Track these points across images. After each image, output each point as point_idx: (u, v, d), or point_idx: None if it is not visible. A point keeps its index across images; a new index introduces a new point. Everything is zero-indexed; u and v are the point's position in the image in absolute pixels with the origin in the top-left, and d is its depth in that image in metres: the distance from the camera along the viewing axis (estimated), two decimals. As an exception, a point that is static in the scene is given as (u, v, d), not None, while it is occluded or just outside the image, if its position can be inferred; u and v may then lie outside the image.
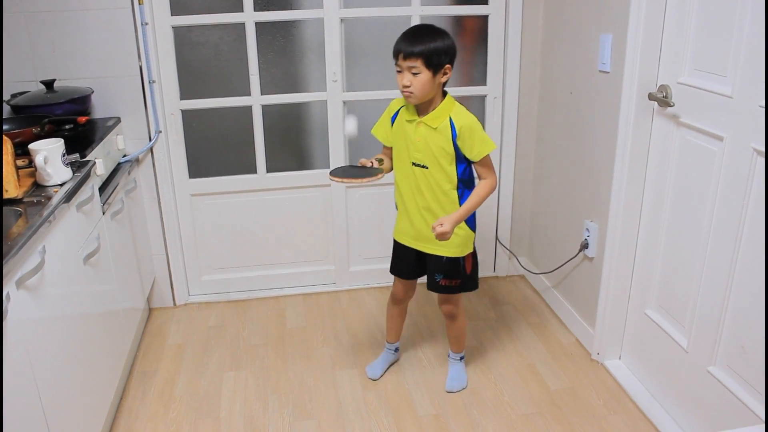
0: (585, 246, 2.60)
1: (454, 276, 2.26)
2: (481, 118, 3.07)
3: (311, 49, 2.88)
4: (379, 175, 2.12)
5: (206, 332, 2.86)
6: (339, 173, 2.13)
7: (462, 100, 2.97)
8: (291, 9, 2.79)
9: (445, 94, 2.10)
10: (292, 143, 3.06)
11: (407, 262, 2.35)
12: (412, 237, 2.28)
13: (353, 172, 2.14)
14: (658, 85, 2.17)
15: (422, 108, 2.09)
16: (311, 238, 3.14)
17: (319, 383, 2.50)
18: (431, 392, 2.44)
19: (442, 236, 2.05)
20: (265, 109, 2.92)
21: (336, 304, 3.09)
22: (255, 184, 3.01)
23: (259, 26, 2.79)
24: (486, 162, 2.10)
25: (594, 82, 2.46)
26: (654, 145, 2.24)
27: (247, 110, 2.90)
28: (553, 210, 2.94)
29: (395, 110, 2.18)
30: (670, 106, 2.07)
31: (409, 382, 2.49)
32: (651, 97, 2.16)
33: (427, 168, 2.12)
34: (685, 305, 2.13)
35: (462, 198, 2.14)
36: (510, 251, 3.29)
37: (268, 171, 3.01)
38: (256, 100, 2.89)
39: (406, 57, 1.98)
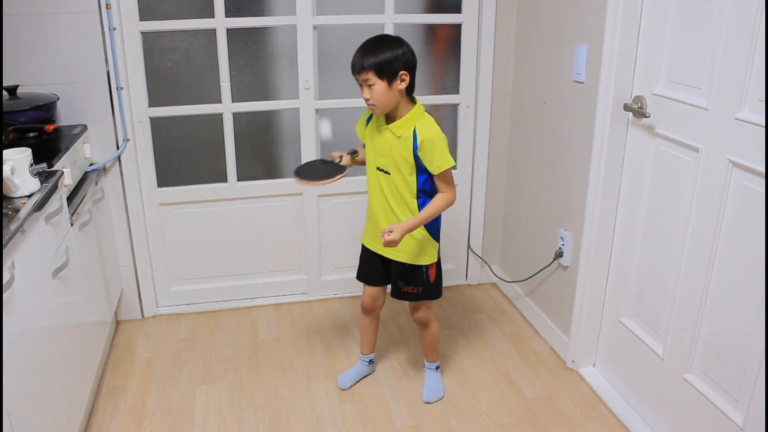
0: (559, 255, 2.62)
1: (417, 283, 2.26)
2: (454, 127, 3.07)
3: (283, 56, 2.85)
4: (339, 177, 2.18)
5: (176, 345, 2.80)
6: (303, 171, 2.22)
7: (434, 109, 3.01)
8: (263, 15, 2.75)
9: (414, 101, 2.11)
10: (264, 151, 3.02)
11: (373, 268, 2.35)
12: (375, 240, 2.28)
13: (318, 169, 2.21)
14: (632, 96, 2.19)
15: (390, 115, 2.11)
16: (282, 248, 3.10)
17: (295, 395, 2.46)
18: (408, 403, 2.42)
19: (390, 244, 2.07)
20: (236, 116, 2.87)
21: (308, 314, 3.05)
22: (225, 192, 2.96)
23: (231, 32, 2.74)
24: (445, 176, 2.10)
25: (568, 92, 2.48)
26: (628, 155, 2.27)
27: (218, 118, 2.85)
28: (526, 219, 2.95)
29: (370, 113, 2.20)
30: (646, 117, 2.10)
31: (386, 393, 2.47)
32: (626, 107, 2.18)
33: (389, 174, 2.14)
34: (661, 313, 2.15)
35: (422, 207, 2.15)
36: (482, 259, 3.30)
37: (238, 179, 2.96)
38: (227, 107, 2.83)
39: (359, 71, 2.02)
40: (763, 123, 1.68)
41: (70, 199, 2.24)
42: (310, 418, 2.34)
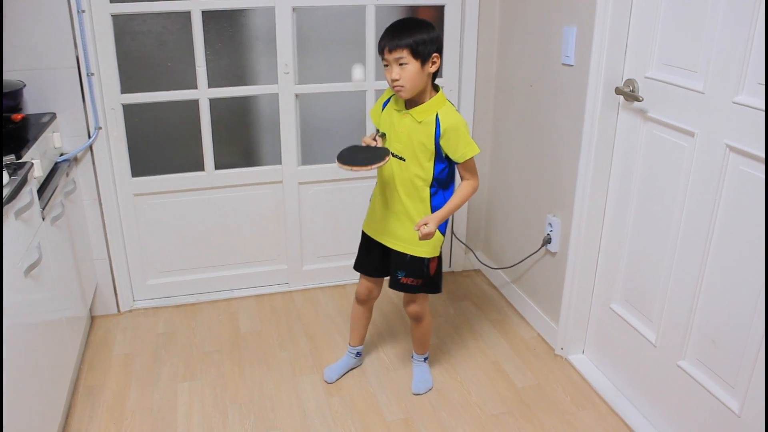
0: (548, 241, 2.58)
1: (417, 275, 2.20)
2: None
3: (262, 39, 2.75)
4: (388, 158, 2.02)
5: (155, 340, 2.70)
6: (346, 158, 2.01)
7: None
8: (240, -3, 2.65)
9: (437, 89, 2.06)
10: (242, 139, 2.92)
11: (373, 259, 2.29)
12: (377, 229, 2.23)
13: (360, 154, 2.03)
14: (624, 79, 2.15)
15: (411, 99, 2.04)
16: (263, 237, 3.01)
17: (280, 390, 2.39)
18: (397, 395, 2.37)
19: (427, 237, 2.02)
20: (213, 102, 2.76)
21: (290, 305, 2.98)
22: (202, 181, 2.86)
23: (206, 15, 2.62)
24: (469, 164, 2.06)
25: (557, 76, 2.43)
26: (619, 139, 2.22)
27: (194, 104, 2.74)
28: (512, 205, 2.91)
29: (387, 97, 2.14)
30: (639, 100, 2.05)
31: (374, 386, 2.42)
32: (618, 91, 2.14)
33: (404, 160, 2.07)
34: (653, 300, 2.12)
35: (434, 197, 2.10)
36: (466, 245, 3.25)
37: (216, 168, 2.85)
38: (203, 93, 2.73)
39: (392, 49, 1.94)
40: (763, 107, 1.64)
41: (40, 191, 2.13)
42: (297, 413, 2.28)
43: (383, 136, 2.13)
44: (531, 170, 2.70)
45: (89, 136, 2.58)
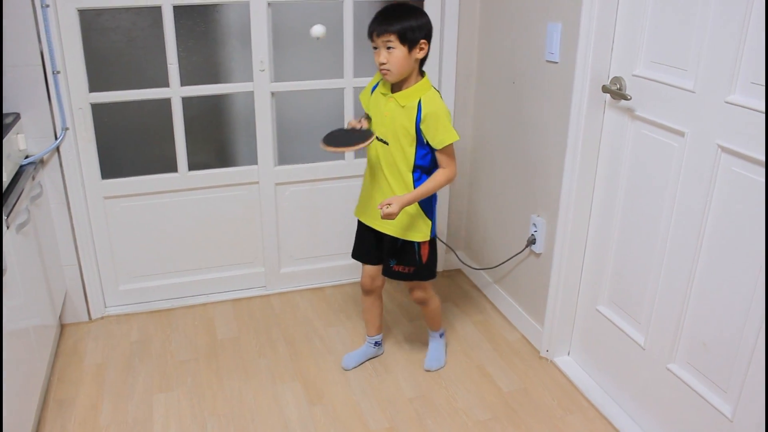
0: (532, 242, 2.53)
1: (409, 263, 2.21)
2: (417, 109, 2.94)
3: (236, 35, 2.65)
4: (372, 138, 2.05)
5: (128, 348, 2.60)
6: (331, 141, 2.06)
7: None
8: (212, -9, 2.55)
9: (423, 74, 2.08)
10: (216, 138, 2.83)
11: (368, 246, 2.30)
12: (367, 213, 2.25)
13: (345, 137, 2.07)
14: (610, 77, 2.10)
15: (397, 84, 2.07)
16: (239, 240, 2.92)
17: (260, 400, 2.31)
18: (381, 402, 2.30)
19: (388, 216, 2.02)
20: (186, 101, 2.66)
21: (268, 310, 2.90)
22: (176, 183, 2.76)
23: (178, 10, 2.52)
24: (447, 151, 2.08)
25: (540, 73, 2.37)
26: (606, 138, 2.18)
27: (166, 103, 2.64)
28: (495, 204, 2.85)
29: (377, 81, 2.16)
30: (627, 99, 2.01)
31: (357, 394, 2.35)
32: (604, 89, 2.09)
33: (387, 144, 2.09)
34: (641, 302, 2.09)
35: (417, 182, 2.12)
36: (446, 245, 3.20)
37: (189, 169, 2.76)
38: (176, 91, 2.62)
39: (380, 34, 1.98)
40: (756, 106, 1.60)
41: (4, 197, 2.02)
42: (279, 423, 2.20)
43: (369, 119, 2.15)
44: (514, 169, 2.65)
45: (56, 138, 2.47)
